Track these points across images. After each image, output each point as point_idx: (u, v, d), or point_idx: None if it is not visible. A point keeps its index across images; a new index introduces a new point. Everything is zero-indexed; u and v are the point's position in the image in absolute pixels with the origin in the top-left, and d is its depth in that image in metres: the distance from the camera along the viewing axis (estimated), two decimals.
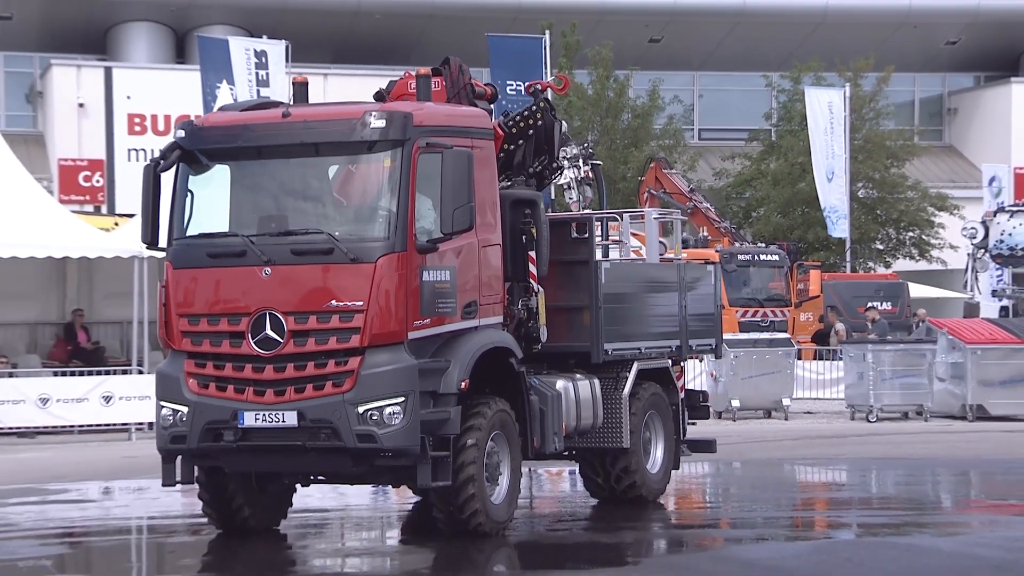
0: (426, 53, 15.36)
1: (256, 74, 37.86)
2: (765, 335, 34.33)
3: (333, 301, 14.37)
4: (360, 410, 14.26)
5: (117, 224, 33.05)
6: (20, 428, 27.99)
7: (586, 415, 16.59)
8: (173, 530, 17.25)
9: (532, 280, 16.04)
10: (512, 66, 37.89)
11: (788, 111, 53.30)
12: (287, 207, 15.06)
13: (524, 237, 15.90)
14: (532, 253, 15.96)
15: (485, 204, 15.28)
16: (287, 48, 38.88)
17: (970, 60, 63.79)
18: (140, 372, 28.10)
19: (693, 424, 19.02)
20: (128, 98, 47.42)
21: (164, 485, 15.39)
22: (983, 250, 36.95)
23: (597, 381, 16.88)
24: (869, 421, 30.41)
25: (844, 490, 21.62)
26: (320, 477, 15.84)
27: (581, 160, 32.03)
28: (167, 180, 15.30)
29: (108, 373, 28.78)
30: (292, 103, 15.89)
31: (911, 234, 52.81)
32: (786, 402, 31.62)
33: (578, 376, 16.67)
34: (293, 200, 15.09)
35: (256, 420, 14.51)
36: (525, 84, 17.29)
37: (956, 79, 65.24)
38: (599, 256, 17.92)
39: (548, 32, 40.28)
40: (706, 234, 41.56)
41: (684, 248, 37.91)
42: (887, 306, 41.43)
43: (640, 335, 17.66)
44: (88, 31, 56.09)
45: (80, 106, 51.31)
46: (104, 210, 44.62)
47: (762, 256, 40.38)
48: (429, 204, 14.68)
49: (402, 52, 53.77)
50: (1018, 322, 34.03)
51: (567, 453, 17.26)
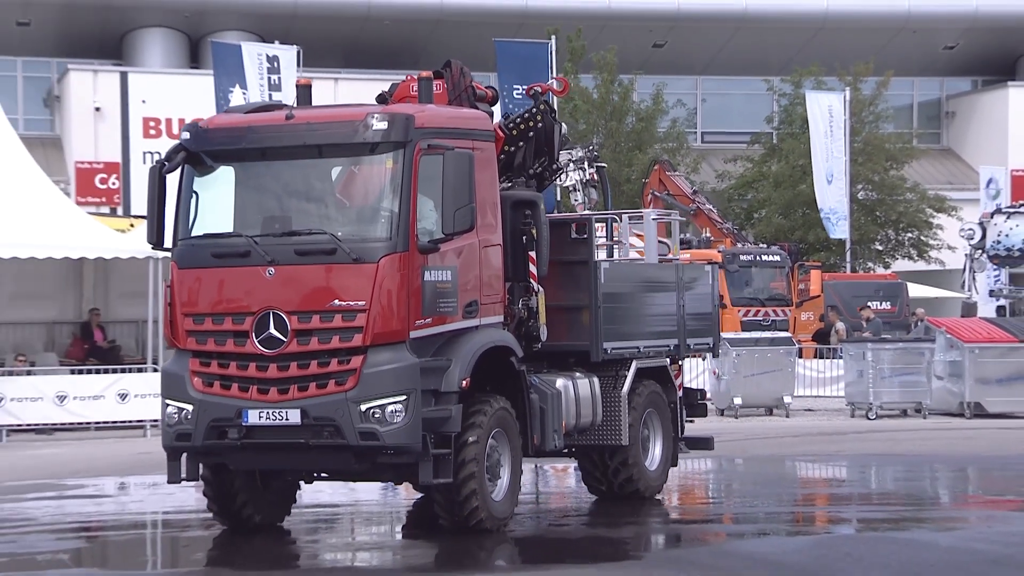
0: (434, 57, 15.34)
1: (268, 79, 37.69)
2: (767, 334, 34.29)
3: (336, 301, 14.27)
4: (362, 408, 14.17)
5: (132, 225, 32.99)
6: (38, 425, 28.07)
7: (585, 413, 16.50)
8: (187, 525, 17.19)
9: (532, 280, 15.93)
10: (518, 70, 37.73)
11: (789, 114, 53.19)
12: (291, 208, 14.98)
13: (524, 237, 15.79)
14: (532, 253, 15.84)
15: (486, 205, 15.18)
16: (299, 53, 38.74)
17: (968, 64, 63.66)
18: (155, 370, 27.95)
19: (691, 422, 18.94)
20: (143, 102, 47.29)
21: (169, 482, 15.33)
22: (980, 251, 36.85)
23: (596, 379, 16.78)
24: (869, 418, 30.31)
25: (844, 486, 21.52)
26: (323, 474, 15.75)
27: (586, 163, 31.91)
28: (173, 181, 15.19)
29: (124, 371, 28.79)
30: (296, 105, 15.80)
31: (910, 235, 52.67)
32: (787, 399, 31.58)
33: (578, 375, 16.57)
34: (296, 201, 15.01)
35: (260, 418, 14.43)
36: (525, 87, 17.05)
37: (954, 83, 65.10)
38: (602, 256, 17.87)
39: (554, 37, 40.13)
40: (709, 235, 41.56)
41: (688, 249, 38.34)
42: (886, 306, 41.36)
43: (639, 334, 17.56)
44: (104, 37, 56.11)
45: (96, 110, 51.29)
46: (120, 212, 44.54)
47: (764, 257, 40.36)
48: (431, 205, 14.58)
49: (411, 57, 53.65)
50: (1015, 321, 34.01)
51: (567, 450, 17.14)
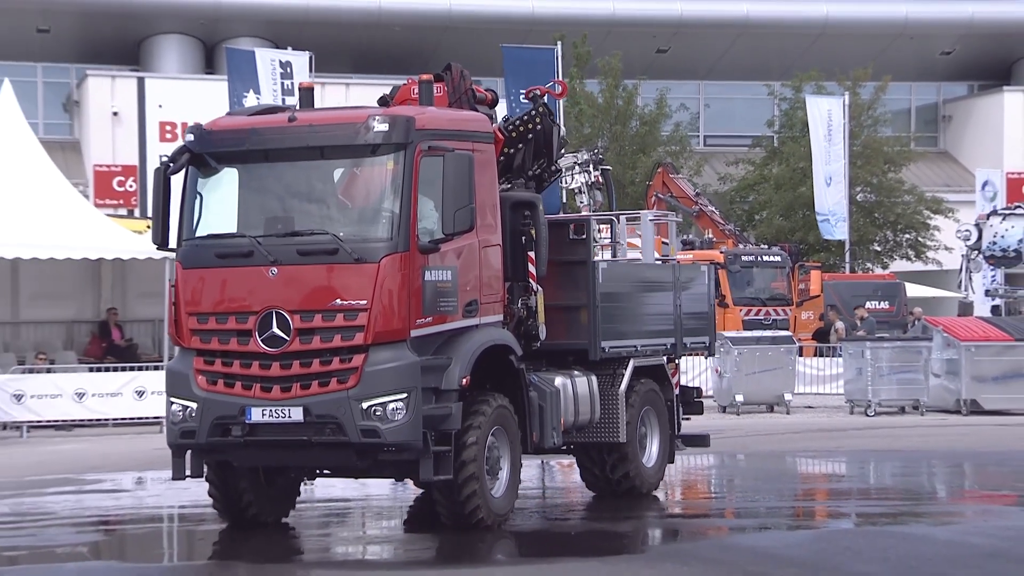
0: (442, 63, 15.13)
1: (281, 83, 37.51)
2: (768, 333, 34.18)
3: (338, 300, 14.13)
4: (364, 406, 14.03)
5: (149, 227, 32.82)
6: (58, 421, 28.17)
7: (584, 411, 16.36)
8: (203, 518, 17.05)
9: (531, 280, 15.79)
10: (525, 75, 37.56)
11: (790, 118, 53.09)
12: (293, 209, 14.83)
13: (524, 238, 15.65)
14: (531, 253, 15.71)
15: (486, 206, 15.04)
16: (311, 59, 38.56)
17: (964, 70, 63.58)
18: None
19: (688, 419, 18.81)
20: (160, 107, 47.14)
21: (174, 479, 15.23)
22: (977, 251, 36.66)
23: (594, 378, 16.64)
24: (867, 415, 30.18)
25: (843, 481, 21.44)
26: (325, 471, 15.63)
27: (591, 165, 31.82)
28: (177, 183, 15.05)
29: (141, 369, 28.80)
30: (298, 108, 15.70)
31: (908, 236, 52.55)
32: (788, 397, 31.50)
33: (576, 373, 16.42)
34: (299, 202, 14.85)
35: (263, 416, 14.30)
36: (525, 89, 16.88)
37: (951, 88, 65.03)
38: (608, 257, 17.79)
39: (560, 43, 40.01)
40: (711, 236, 41.61)
41: (690, 249, 38.29)
42: (885, 305, 41.28)
43: (636, 333, 17.42)
44: (122, 43, 56.11)
45: (114, 114, 51.34)
46: (137, 213, 44.52)
47: (765, 257, 40.24)
48: (431, 205, 14.44)
49: (420, 62, 53.35)
50: (1010, 320, 33.93)
51: (565, 448, 16.98)
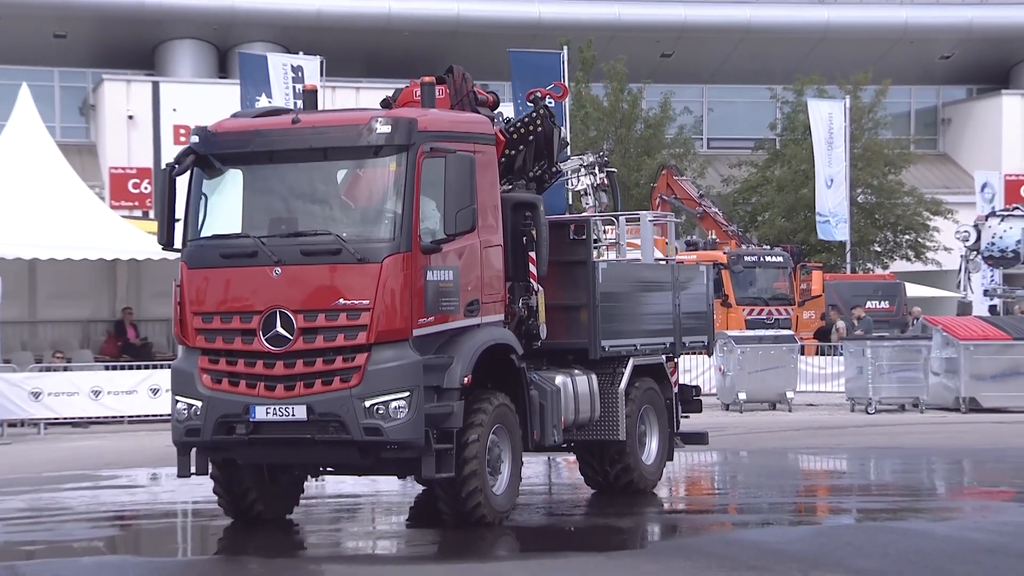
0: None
1: (293, 87, 37.30)
2: (770, 332, 34.18)
3: (341, 300, 14.00)
4: (367, 404, 13.90)
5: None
6: (74, 418, 28.17)
7: (584, 409, 16.23)
8: (216, 514, 16.93)
9: (532, 280, 15.65)
10: (532, 79, 37.29)
11: (792, 122, 52.94)
12: (296, 209, 14.69)
13: (524, 238, 15.51)
14: (532, 254, 15.57)
15: (487, 206, 14.90)
16: (322, 63, 38.39)
17: (963, 73, 63.39)
18: None
19: (687, 417, 18.70)
20: (174, 110, 47.02)
21: (179, 476, 15.11)
22: (975, 252, 36.62)
23: (595, 376, 16.50)
24: (868, 413, 30.08)
25: (844, 478, 21.40)
26: (329, 469, 15.53)
27: (597, 168, 31.74)
28: (183, 184, 14.97)
29: (155, 367, 28.71)
30: (302, 110, 15.60)
31: (907, 237, 52.38)
32: (790, 395, 31.44)
33: (576, 372, 16.29)
34: (302, 203, 14.71)
35: (267, 414, 14.17)
36: (526, 92, 16.74)
37: (950, 91, 64.81)
38: (615, 257, 17.66)
39: (566, 48, 39.81)
40: (715, 237, 41.55)
41: (694, 250, 38.23)
42: (885, 305, 41.12)
43: (635, 332, 17.28)
44: (137, 48, 56.10)
45: (129, 118, 51.30)
46: (152, 215, 44.36)
47: (767, 258, 40.17)
48: (433, 206, 14.30)
49: (429, 66, 52.87)
50: (1008, 320, 33.90)
51: (566, 445, 16.84)
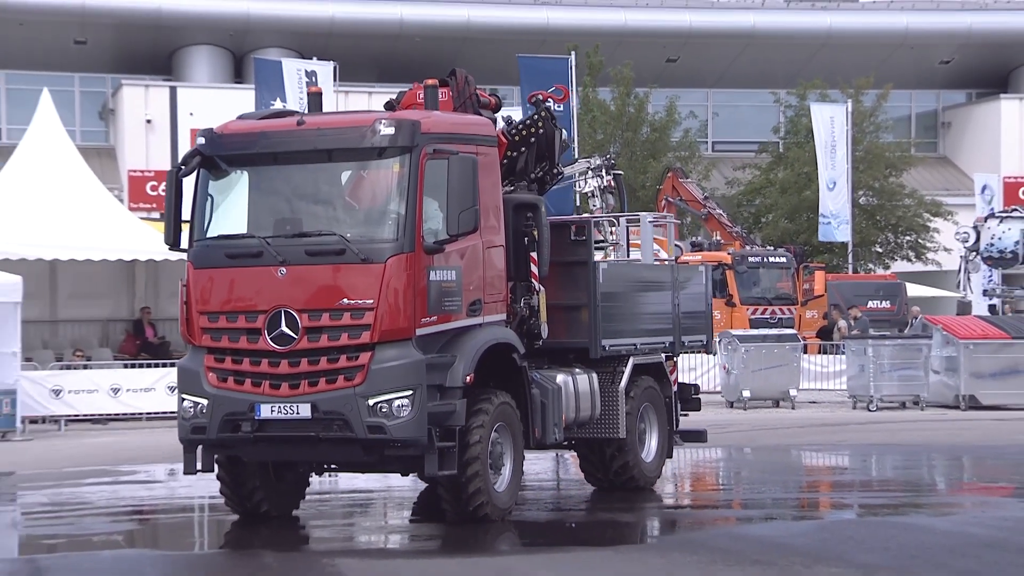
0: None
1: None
2: (773, 331, 34.14)
3: (345, 299, 13.84)
4: (370, 403, 13.75)
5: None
6: (94, 415, 28.16)
7: (585, 407, 16.07)
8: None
9: (534, 280, 15.49)
10: (541, 84, 37.29)
11: (795, 125, 52.74)
12: (301, 210, 14.54)
13: (526, 239, 15.37)
14: (534, 254, 15.42)
15: (489, 207, 14.75)
16: (335, 68, 38.43)
17: (962, 78, 63.10)
18: None
19: (686, 415, 18.56)
20: (191, 115, 46.85)
21: (185, 473, 14.95)
22: (975, 253, 36.54)
23: (595, 375, 16.35)
24: (869, 410, 30.02)
25: (846, 473, 21.34)
26: (333, 466, 15.38)
27: (604, 170, 31.56)
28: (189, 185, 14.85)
29: (173, 365, 28.31)
30: (307, 112, 15.46)
31: (908, 238, 52.18)
32: (793, 393, 31.38)
33: (577, 371, 16.13)
34: (307, 204, 14.57)
35: (272, 412, 14.02)
36: (528, 95, 16.59)
37: (950, 95, 64.56)
38: (621, 257, 17.58)
39: (573, 53, 39.66)
40: (719, 238, 41.55)
41: (699, 251, 38.13)
42: (886, 304, 40.95)
43: (635, 332, 17.13)
44: (155, 54, 56.04)
45: (148, 122, 51.16)
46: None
47: (771, 258, 40.17)
48: (436, 207, 14.15)
49: (439, 71, 52.52)
50: (1007, 319, 33.82)
51: (567, 443, 16.73)
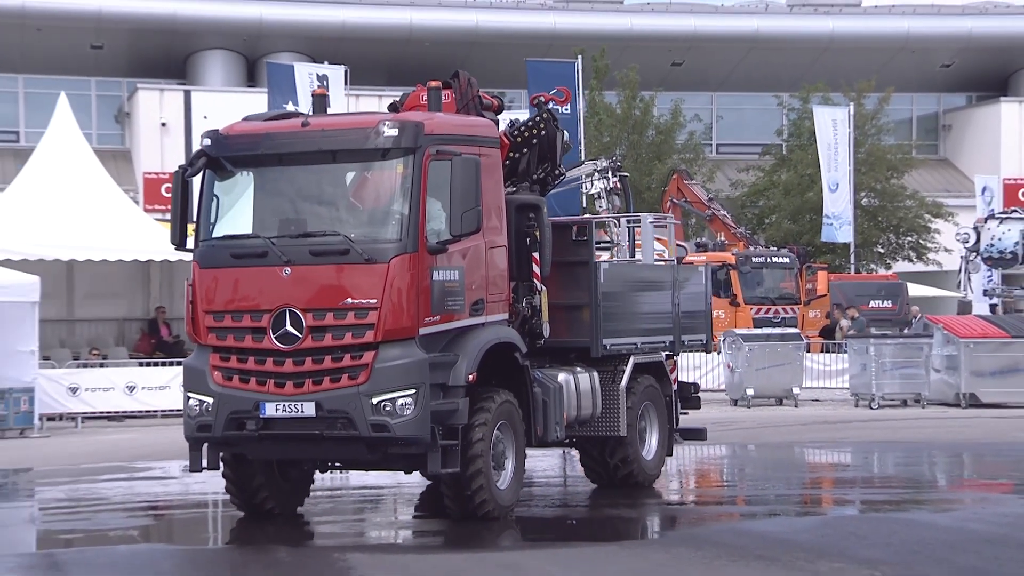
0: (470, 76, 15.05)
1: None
2: (777, 330, 34.13)
3: (349, 299, 13.69)
4: (374, 401, 13.60)
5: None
6: (110, 412, 28.18)
7: (586, 406, 15.93)
8: None
9: (536, 280, 15.34)
10: (548, 87, 37.14)
11: (798, 128, 52.62)
12: (306, 211, 14.39)
13: (528, 239, 15.22)
14: (536, 254, 15.27)
15: (491, 208, 14.59)
16: (346, 72, 38.34)
17: (963, 81, 62.97)
18: None
19: (685, 414, 18.44)
20: (205, 118, 46.51)
21: (191, 471, 14.81)
22: (975, 253, 36.38)
23: (596, 374, 16.20)
24: (871, 408, 29.93)
25: (849, 470, 21.24)
26: (337, 464, 15.22)
27: (610, 172, 31.42)
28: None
29: None
30: (311, 113, 15.36)
31: (909, 239, 52.06)
32: (796, 391, 31.26)
33: (578, 369, 15.98)
34: (311, 204, 14.42)
35: (276, 410, 13.87)
36: (530, 97, 16.44)
37: (950, 99, 64.44)
38: (627, 258, 17.46)
39: (580, 57, 39.58)
40: (723, 239, 41.53)
41: (704, 251, 38.05)
42: (888, 304, 40.79)
43: (636, 331, 16.97)
44: (170, 58, 56.06)
45: (162, 125, 51.20)
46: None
47: (774, 259, 40.18)
48: (439, 207, 14.00)
49: (448, 75, 53.07)
50: (1007, 318, 33.66)
51: (568, 441, 16.60)
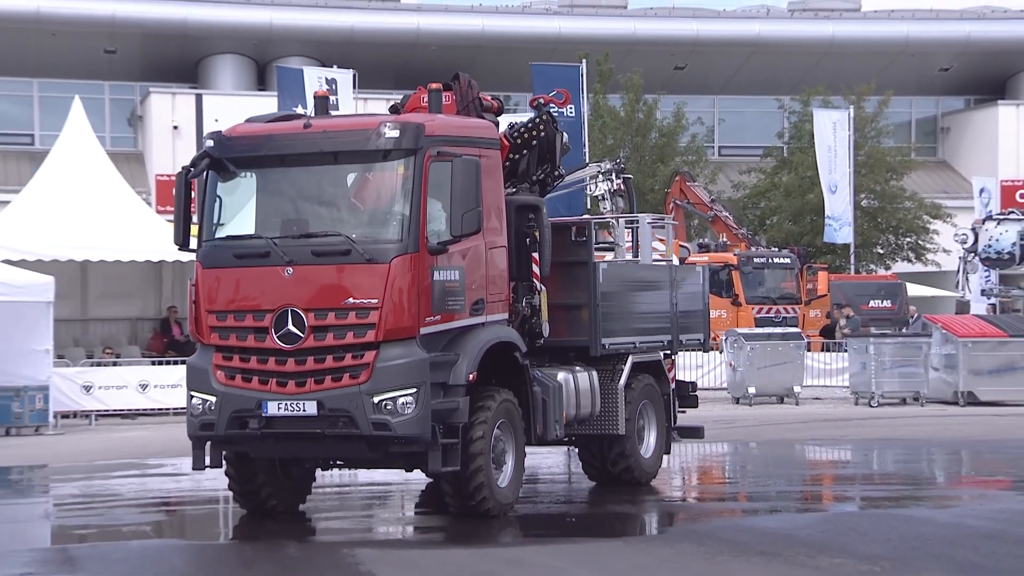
0: (476, 79, 14.77)
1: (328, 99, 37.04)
2: (778, 329, 33.99)
3: (350, 299, 13.55)
4: (375, 400, 13.46)
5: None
6: (123, 410, 28.23)
7: (585, 404, 15.78)
8: None
9: (535, 280, 15.20)
10: (553, 91, 37.19)
11: (798, 130, 52.47)
12: (308, 211, 14.25)
13: (528, 240, 15.08)
14: (535, 255, 15.13)
15: (492, 209, 14.44)
16: (354, 76, 38.26)
17: (961, 85, 62.79)
18: None
19: (683, 412, 18.33)
20: (216, 121, 46.30)
21: (194, 469, 14.66)
22: (973, 254, 36.29)
23: (595, 373, 16.05)
24: (871, 406, 29.86)
25: (849, 467, 21.17)
26: (339, 462, 15.09)
27: (614, 174, 31.31)
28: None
29: None
30: (313, 115, 15.22)
31: (908, 239, 51.89)
32: (797, 389, 31.22)
33: (578, 368, 15.84)
34: (313, 205, 14.28)
35: (279, 409, 13.73)
36: (529, 99, 16.33)
37: (948, 102, 64.21)
38: (629, 259, 17.43)
39: (584, 61, 39.59)
40: (725, 240, 41.43)
41: (706, 252, 37.95)
42: (887, 304, 40.62)
43: (635, 331, 16.84)
44: (182, 63, 55.97)
45: (175, 128, 51.12)
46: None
47: (775, 259, 40.08)
48: (440, 208, 13.87)
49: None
50: (1004, 318, 33.68)
51: (567, 439, 16.49)
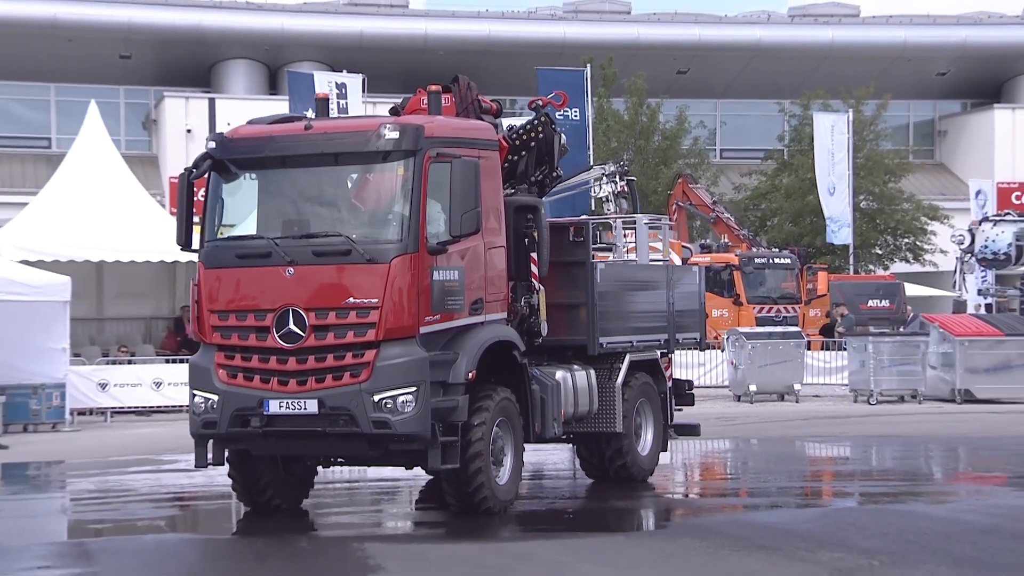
0: (483, 83, 14.67)
1: (337, 103, 36.95)
2: (778, 328, 33.87)
3: (351, 298, 13.41)
4: (375, 399, 13.32)
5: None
6: (138, 407, 28.22)
7: (583, 402, 15.63)
8: None
9: (534, 279, 15.03)
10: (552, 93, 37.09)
11: (798, 133, 52.27)
12: (309, 212, 14.11)
13: (526, 240, 14.90)
14: (534, 255, 14.95)
15: (490, 209, 14.30)
16: (363, 81, 38.16)
17: (958, 89, 62.62)
18: None
19: (680, 410, 18.17)
20: (228, 125, 46.36)
21: (196, 467, 14.53)
22: (970, 254, 36.04)
23: (593, 372, 15.90)
24: (870, 404, 29.71)
25: (848, 463, 21.12)
26: (339, 460, 14.94)
27: (618, 176, 31.18)
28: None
29: None
30: (314, 116, 15.05)
31: (907, 240, 51.69)
32: (797, 387, 31.10)
33: (576, 367, 15.67)
34: (314, 205, 14.13)
35: (280, 408, 13.59)
36: (528, 100, 16.15)
37: (946, 105, 63.99)
38: (632, 259, 17.34)
39: (589, 65, 39.61)
40: (727, 240, 41.31)
41: (708, 252, 37.84)
42: (885, 303, 40.45)
43: (632, 330, 16.68)
44: (195, 68, 55.90)
45: (188, 132, 50.97)
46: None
47: (776, 260, 39.92)
48: (439, 209, 13.72)
49: None
50: (1001, 317, 33.49)
51: (565, 437, 16.29)
